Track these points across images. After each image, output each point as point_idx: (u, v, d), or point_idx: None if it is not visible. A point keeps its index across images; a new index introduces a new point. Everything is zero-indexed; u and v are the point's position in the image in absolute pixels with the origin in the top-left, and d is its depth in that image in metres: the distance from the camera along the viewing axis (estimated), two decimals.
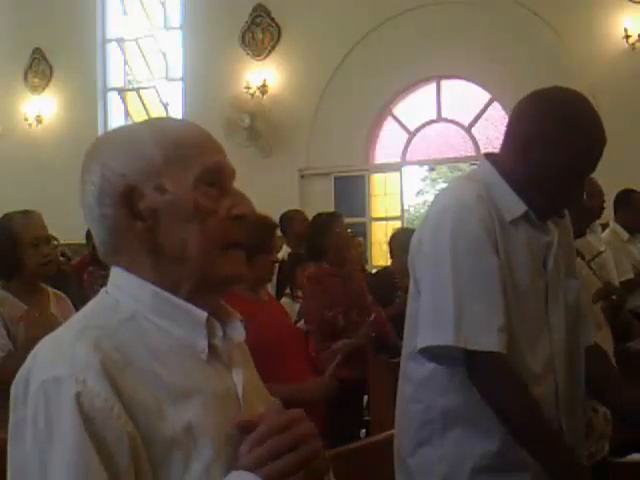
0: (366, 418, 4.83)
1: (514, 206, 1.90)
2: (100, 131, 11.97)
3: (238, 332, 1.26)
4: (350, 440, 3.24)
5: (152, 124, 1.26)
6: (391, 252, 6.20)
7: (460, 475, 1.88)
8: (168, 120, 1.32)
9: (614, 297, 4.59)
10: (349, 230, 5.24)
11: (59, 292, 3.46)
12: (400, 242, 5.96)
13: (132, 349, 1.13)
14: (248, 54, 10.67)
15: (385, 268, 6.33)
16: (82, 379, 1.06)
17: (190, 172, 1.19)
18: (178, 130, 1.24)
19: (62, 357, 1.10)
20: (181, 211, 1.18)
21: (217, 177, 1.21)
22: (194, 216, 1.18)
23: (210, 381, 1.17)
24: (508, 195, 1.91)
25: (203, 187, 1.19)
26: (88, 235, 7.65)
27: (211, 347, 1.19)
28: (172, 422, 1.10)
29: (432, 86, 9.91)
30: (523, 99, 1.95)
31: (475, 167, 2.11)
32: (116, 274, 1.23)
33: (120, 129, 1.31)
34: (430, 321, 1.84)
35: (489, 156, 2.01)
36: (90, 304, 1.23)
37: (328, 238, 4.73)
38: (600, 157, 1.90)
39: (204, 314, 1.18)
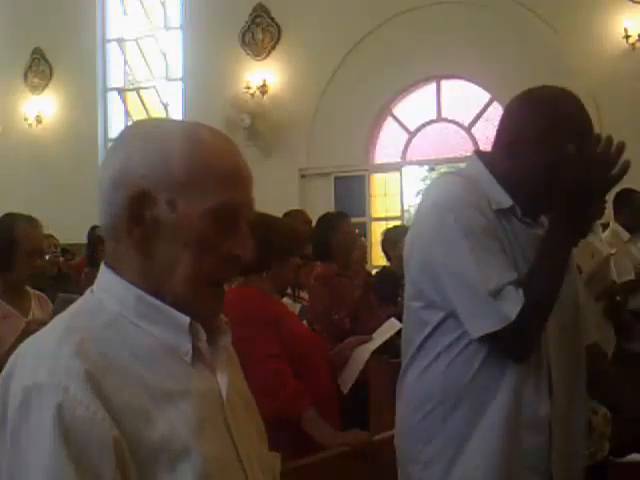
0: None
1: (500, 198, 1.91)
2: (100, 131, 11.98)
3: (224, 335, 1.25)
4: None
5: (190, 133, 1.19)
6: (385, 253, 6.19)
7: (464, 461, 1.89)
8: (207, 134, 1.21)
9: (618, 297, 4.59)
10: (357, 231, 5.23)
11: (40, 293, 3.49)
12: (390, 241, 5.96)
13: (116, 352, 1.12)
14: (248, 54, 10.67)
15: (385, 268, 6.32)
16: (64, 386, 1.05)
17: (207, 200, 1.15)
18: (212, 151, 1.18)
19: (45, 362, 1.08)
20: (182, 235, 1.15)
21: (231, 215, 1.18)
22: (193, 245, 1.15)
23: (194, 383, 1.17)
24: (494, 188, 1.91)
25: (213, 219, 1.16)
26: (88, 235, 7.69)
27: (195, 350, 1.18)
28: (158, 425, 1.09)
29: (432, 86, 9.91)
30: (514, 98, 1.96)
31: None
32: (103, 274, 1.22)
33: (159, 126, 1.23)
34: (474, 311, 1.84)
35: (479, 154, 2.02)
36: (75, 304, 1.22)
37: (336, 238, 4.72)
38: None
39: (187, 319, 1.17)
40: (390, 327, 3.39)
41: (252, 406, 1.34)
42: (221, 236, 1.17)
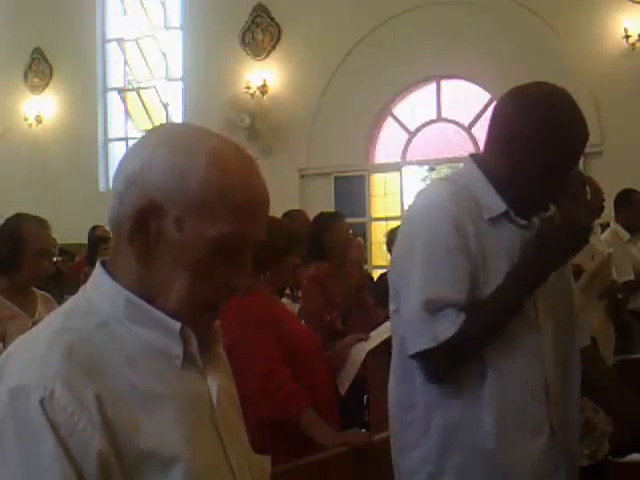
0: (366, 418, 4.83)
1: (493, 205, 1.90)
2: (100, 131, 11.99)
3: (216, 340, 1.25)
4: None
5: (215, 154, 1.15)
6: (390, 253, 6.17)
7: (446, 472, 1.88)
8: (232, 156, 1.17)
9: (620, 295, 4.59)
10: (350, 231, 5.21)
11: (46, 294, 3.47)
12: (393, 241, 5.94)
13: (106, 355, 1.11)
14: (248, 54, 10.67)
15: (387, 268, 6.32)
16: (50, 388, 1.04)
17: (215, 227, 1.13)
18: (232, 177, 1.14)
19: (34, 364, 1.07)
20: (183, 256, 1.13)
21: (236, 245, 1.16)
22: (192, 268, 1.14)
23: (184, 386, 1.15)
24: (488, 194, 1.91)
25: (217, 247, 1.14)
26: (89, 235, 7.69)
27: (186, 354, 1.17)
28: (148, 429, 1.08)
29: (432, 86, 9.91)
30: (504, 97, 1.95)
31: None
32: (97, 273, 1.20)
33: (188, 136, 1.18)
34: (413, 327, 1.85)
35: (474, 156, 2.01)
36: (69, 302, 1.21)
37: (330, 238, 4.69)
38: (582, 152, 1.91)
39: (177, 324, 1.15)
40: (386, 329, 3.40)
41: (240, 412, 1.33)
42: (222, 264, 1.15)
